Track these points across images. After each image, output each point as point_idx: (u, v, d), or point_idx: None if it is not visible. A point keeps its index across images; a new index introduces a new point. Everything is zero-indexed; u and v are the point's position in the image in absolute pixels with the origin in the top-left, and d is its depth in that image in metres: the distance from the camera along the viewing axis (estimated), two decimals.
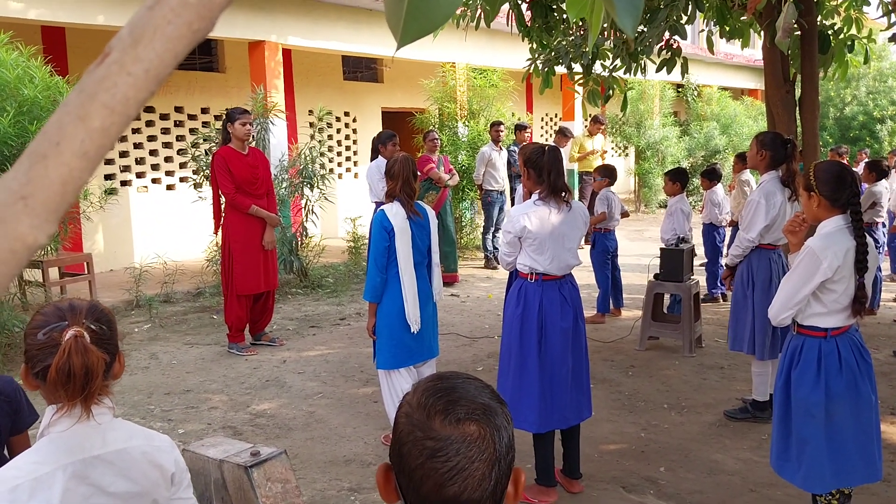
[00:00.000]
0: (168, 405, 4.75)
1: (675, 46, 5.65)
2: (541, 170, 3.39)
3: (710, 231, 7.46)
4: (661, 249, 5.89)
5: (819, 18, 5.55)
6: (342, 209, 10.92)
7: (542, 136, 15.74)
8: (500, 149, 9.10)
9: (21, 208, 0.42)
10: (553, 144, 3.56)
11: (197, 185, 7.81)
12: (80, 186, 0.44)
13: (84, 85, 0.44)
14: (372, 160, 7.16)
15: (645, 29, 5.25)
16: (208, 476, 2.03)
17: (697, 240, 6.86)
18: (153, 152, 9.52)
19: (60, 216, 0.44)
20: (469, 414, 0.97)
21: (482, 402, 0.99)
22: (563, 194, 3.42)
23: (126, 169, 9.25)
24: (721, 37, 6.02)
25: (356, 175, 12.04)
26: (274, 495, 1.86)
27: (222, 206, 5.80)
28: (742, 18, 5.86)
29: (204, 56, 10.11)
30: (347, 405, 4.74)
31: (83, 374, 1.39)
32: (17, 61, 5.13)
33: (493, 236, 9.22)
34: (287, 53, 9.88)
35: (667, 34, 5.31)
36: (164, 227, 9.45)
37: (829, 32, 5.65)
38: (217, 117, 9.59)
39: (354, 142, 12.22)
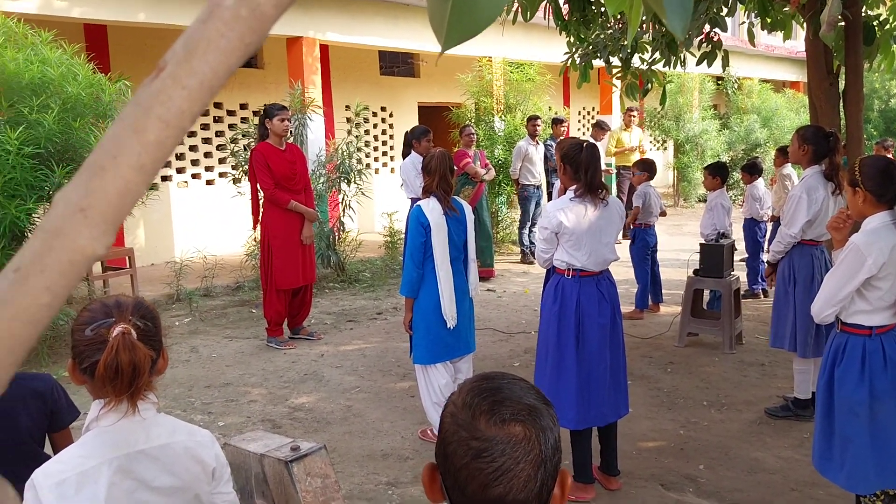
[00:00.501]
0: (208, 398, 4.84)
1: (715, 39, 5.56)
2: (578, 166, 3.37)
3: (751, 226, 7.33)
4: (701, 245, 5.81)
5: (864, 9, 5.40)
6: (379, 204, 10.98)
7: (579, 130, 15.61)
8: (537, 143, 9.05)
9: (80, 220, 0.43)
10: (591, 141, 3.54)
11: (236, 181, 7.92)
12: (136, 199, 0.44)
13: (140, 98, 0.45)
14: (404, 155, 7.17)
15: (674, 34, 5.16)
16: (249, 470, 2.07)
17: (738, 235, 6.75)
18: (193, 148, 9.68)
19: (117, 228, 0.45)
20: (514, 415, 0.97)
21: (528, 402, 0.99)
22: (600, 191, 3.40)
23: (167, 164, 9.42)
24: (762, 29, 5.89)
25: (392, 170, 12.08)
26: (314, 490, 1.88)
27: (261, 202, 5.88)
28: (784, 10, 5.73)
29: None
30: (385, 399, 4.77)
31: (130, 370, 1.41)
32: (61, 59, 5.25)
33: (530, 231, 9.18)
34: (324, 49, 9.96)
35: (707, 26, 5.22)
36: (203, 221, 9.61)
37: (875, 24, 5.50)
38: (255, 113, 9.71)
39: (391, 137, 12.27)
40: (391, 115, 12.23)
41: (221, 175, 9.69)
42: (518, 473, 0.94)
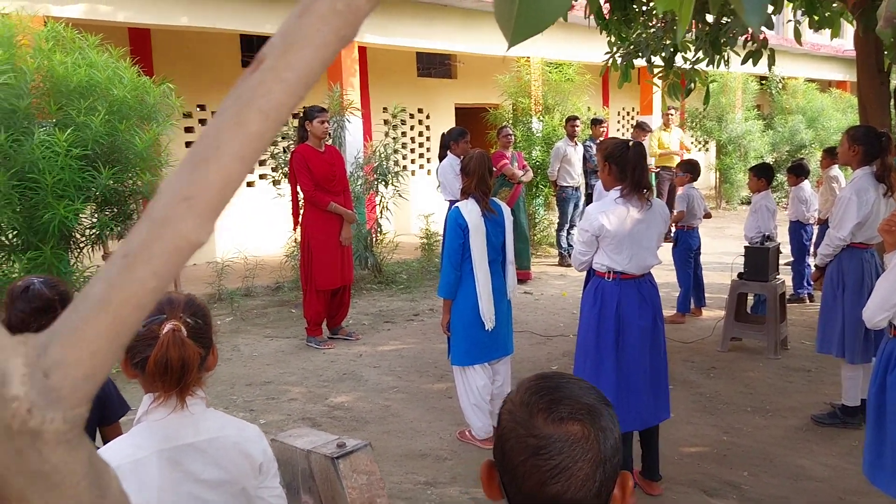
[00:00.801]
0: (249, 396, 4.90)
1: (761, 38, 5.44)
2: (624, 166, 3.31)
3: (797, 229, 7.16)
4: (746, 248, 5.70)
5: None
6: (415, 206, 11.01)
7: (618, 130, 15.46)
8: (576, 144, 8.97)
9: (185, 209, 0.44)
10: (638, 140, 3.48)
11: (276, 183, 8.01)
12: (236, 188, 0.46)
13: (240, 91, 0.46)
14: (441, 158, 7.17)
15: (729, 20, 5.07)
16: (296, 466, 2.09)
17: (783, 238, 6.60)
18: None
19: (218, 216, 0.46)
20: (572, 414, 0.97)
21: (587, 402, 0.99)
22: (645, 192, 3.35)
23: None
24: (810, 27, 5.75)
25: (429, 172, 12.11)
26: (359, 486, 1.89)
27: (300, 203, 5.93)
28: (833, 7, 5.59)
29: None
30: (422, 400, 4.77)
31: (179, 366, 1.43)
32: (108, 63, 5.36)
33: (568, 233, 9.11)
34: (362, 51, 10.03)
35: None
36: (244, 223, 9.74)
37: None
38: (295, 115, 9.81)
39: (428, 139, 12.30)
40: (428, 117, 12.25)
41: (262, 177, 9.81)
42: (576, 472, 0.94)
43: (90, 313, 0.44)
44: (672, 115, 11.01)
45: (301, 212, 5.93)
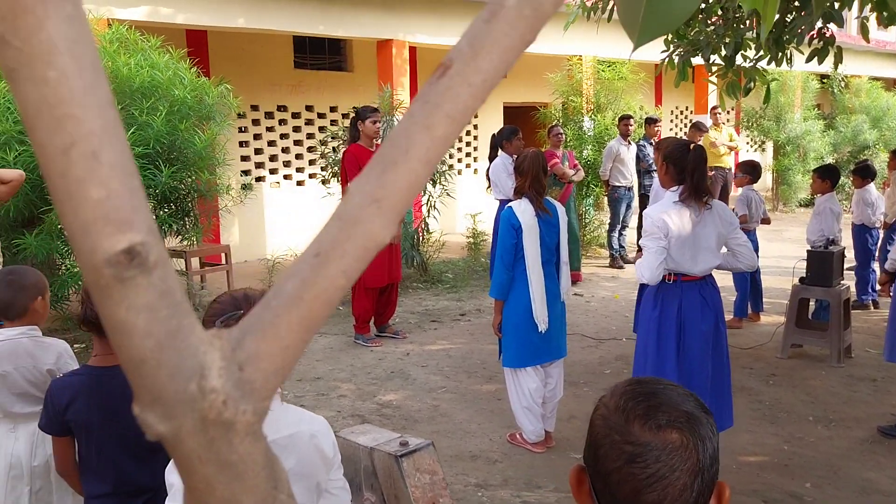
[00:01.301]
0: (300, 391, 4.93)
1: (828, 35, 5.24)
2: (683, 168, 3.23)
3: (862, 233, 6.90)
4: (809, 251, 5.50)
5: None
6: (462, 205, 10.98)
7: (671, 130, 15.18)
8: (629, 143, 8.83)
9: (374, 210, 0.46)
10: (698, 143, 3.39)
11: (325, 182, 8.07)
12: (419, 190, 0.48)
13: (428, 96, 0.47)
14: (490, 158, 7.11)
15: (795, 16, 4.90)
16: (358, 463, 2.07)
17: (846, 241, 6.36)
18: (285, 149, 9.94)
19: (402, 217, 0.48)
20: (671, 421, 0.93)
21: (685, 409, 0.95)
22: (704, 196, 3.25)
23: (260, 165, 9.71)
24: (879, 24, 5.52)
25: (476, 171, 12.07)
26: (422, 486, 1.87)
27: None
28: None
29: (333, 56, 10.44)
30: (471, 401, 4.73)
31: None
32: (168, 64, 5.47)
33: (620, 234, 8.96)
34: (413, 51, 10.04)
35: (819, 22, 4.93)
36: (294, 220, 9.85)
37: None
38: (345, 115, 9.88)
39: (475, 137, 12.26)
40: (476, 116, 12.20)
41: (311, 176, 9.91)
42: (674, 482, 0.91)
43: (283, 309, 0.46)
44: (720, 113, 10.75)
45: None
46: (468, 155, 12.26)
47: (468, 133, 12.19)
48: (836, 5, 4.83)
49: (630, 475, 0.92)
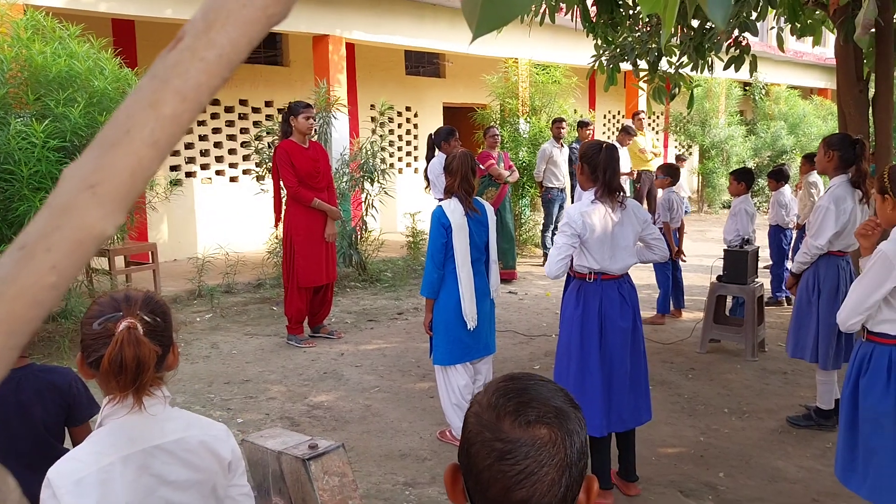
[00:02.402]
0: (228, 394, 4.88)
1: (744, 44, 5.50)
2: (596, 167, 3.34)
3: (777, 233, 7.25)
4: (725, 250, 5.75)
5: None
6: (402, 204, 11.00)
7: (604, 133, 15.53)
8: (562, 146, 9.02)
9: (89, 197, 0.41)
10: (611, 142, 3.50)
11: (259, 178, 7.98)
12: (149, 176, 0.43)
13: (156, 71, 0.42)
14: (428, 157, 7.17)
15: (713, 25, 5.11)
16: (266, 467, 2.07)
17: (762, 241, 6.67)
18: (217, 144, 9.76)
19: (129, 206, 0.43)
20: (540, 417, 0.94)
21: (555, 405, 0.96)
22: (618, 194, 3.37)
23: (191, 160, 9.51)
24: (792, 34, 5.82)
25: (416, 170, 12.11)
26: (331, 488, 1.89)
27: (283, 199, 5.90)
28: (815, 14, 5.66)
29: (269, 50, 10.31)
30: (404, 399, 4.78)
31: (134, 365, 1.39)
32: (89, 53, 5.29)
33: (553, 234, 9.15)
34: (350, 48, 10.00)
35: (736, 31, 5.16)
36: (226, 218, 9.69)
37: None
38: (280, 110, 9.77)
39: (415, 137, 12.29)
40: (416, 115, 12.25)
41: (245, 172, 9.76)
42: (542, 477, 0.92)
43: None
44: (643, 118, 11.09)
45: (284, 208, 5.91)
46: (408, 154, 12.29)
47: (408, 132, 12.22)
48: (754, 15, 5.07)
49: (500, 472, 0.92)
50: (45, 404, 2.05)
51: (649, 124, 11.22)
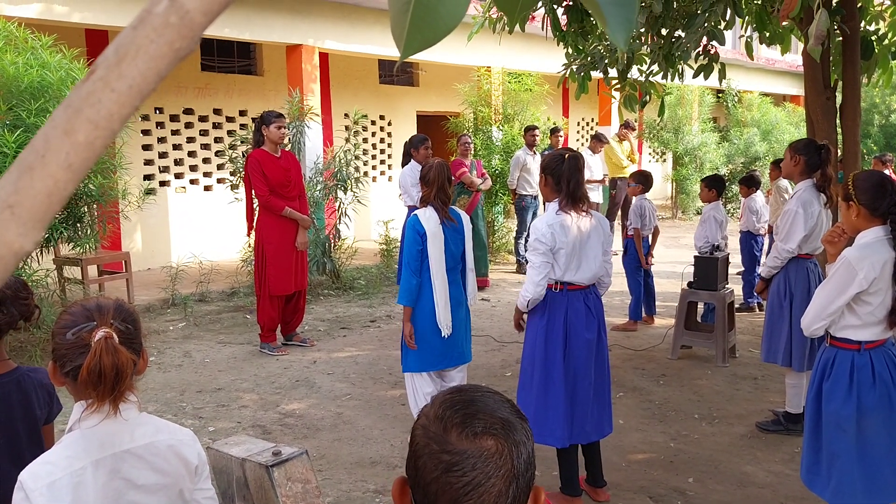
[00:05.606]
0: (200, 403, 4.83)
1: (712, 52, 5.57)
2: (559, 178, 3.33)
3: (748, 239, 7.34)
4: (696, 257, 5.81)
5: (862, 24, 5.42)
6: (375, 212, 10.99)
7: (577, 140, 15.65)
8: (535, 153, 9.07)
9: (8, 216, 0.44)
10: (575, 152, 3.48)
11: (233, 187, 7.93)
12: (65, 197, 0.46)
13: (70, 100, 0.46)
14: (403, 165, 7.18)
15: (683, 34, 5.19)
16: (231, 474, 2.06)
17: (734, 247, 6.74)
18: (192, 153, 9.69)
19: (46, 224, 0.46)
20: (487, 428, 0.94)
21: (501, 416, 0.96)
22: (582, 204, 3.37)
23: (165, 169, 9.43)
24: (761, 42, 5.91)
25: (390, 178, 12.11)
26: (294, 495, 1.88)
27: (255, 208, 5.88)
28: (783, 24, 5.75)
29: (242, 59, 10.27)
30: (375, 407, 4.76)
31: (113, 374, 1.42)
32: (61, 63, 5.26)
33: (526, 241, 9.18)
34: (324, 57, 9.99)
35: (704, 39, 5.23)
36: (200, 227, 9.61)
37: (873, 38, 5.52)
38: (254, 120, 9.71)
39: (389, 145, 12.30)
40: (390, 124, 12.26)
41: (219, 181, 9.70)
42: (489, 489, 0.92)
43: None
44: (627, 128, 11.20)
45: (256, 217, 5.88)
46: (382, 162, 12.29)
47: (382, 140, 12.22)
48: (723, 24, 5.14)
49: (447, 484, 0.91)
50: (40, 402, 2.08)
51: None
